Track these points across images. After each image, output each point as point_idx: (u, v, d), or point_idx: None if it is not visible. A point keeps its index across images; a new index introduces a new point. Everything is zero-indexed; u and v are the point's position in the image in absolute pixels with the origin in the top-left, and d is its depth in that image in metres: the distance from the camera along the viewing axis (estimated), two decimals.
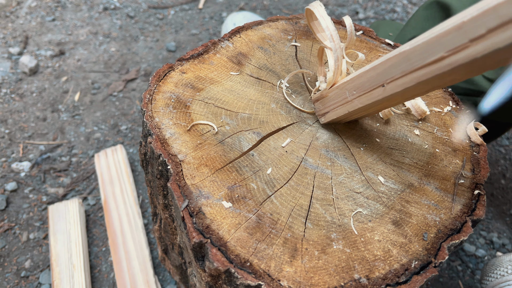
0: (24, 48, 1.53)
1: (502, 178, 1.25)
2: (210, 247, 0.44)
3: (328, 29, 0.53)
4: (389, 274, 0.45)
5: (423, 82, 0.40)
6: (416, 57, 0.40)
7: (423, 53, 0.38)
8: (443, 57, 0.36)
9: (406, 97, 0.47)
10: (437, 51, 0.37)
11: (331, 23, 0.54)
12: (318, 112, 0.61)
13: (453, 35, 0.34)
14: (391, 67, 0.44)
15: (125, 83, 1.44)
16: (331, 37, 0.52)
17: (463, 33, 0.33)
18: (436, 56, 0.37)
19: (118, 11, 1.74)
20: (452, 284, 0.99)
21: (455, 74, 0.37)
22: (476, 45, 0.33)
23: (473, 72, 0.37)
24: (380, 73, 0.46)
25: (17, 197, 1.08)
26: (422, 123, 0.63)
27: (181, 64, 0.66)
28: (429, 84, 0.41)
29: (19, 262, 0.96)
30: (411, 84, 0.41)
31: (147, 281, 0.90)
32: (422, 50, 0.39)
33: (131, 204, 1.03)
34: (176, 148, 0.53)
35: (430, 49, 0.37)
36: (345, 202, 0.51)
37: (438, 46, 0.36)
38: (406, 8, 1.91)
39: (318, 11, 0.54)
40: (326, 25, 0.53)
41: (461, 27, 0.33)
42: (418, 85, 0.41)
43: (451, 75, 0.38)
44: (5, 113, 1.30)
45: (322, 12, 0.54)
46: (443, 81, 0.39)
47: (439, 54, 0.36)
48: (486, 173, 0.57)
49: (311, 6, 0.55)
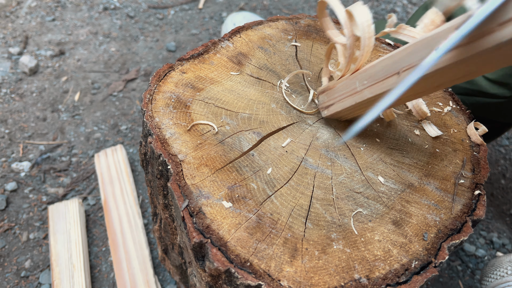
0: (24, 48, 1.53)
1: (502, 178, 1.25)
2: (210, 247, 0.44)
3: (342, 18, 0.52)
4: (389, 274, 0.45)
5: (441, 69, 0.40)
6: (438, 42, 0.39)
7: (445, 38, 0.38)
8: (468, 41, 0.36)
9: (417, 91, 0.46)
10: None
11: (344, 13, 0.53)
12: (322, 104, 0.60)
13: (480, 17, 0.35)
14: (410, 54, 0.43)
15: (125, 83, 1.44)
16: (345, 25, 0.51)
17: (492, 17, 0.34)
18: (462, 41, 0.37)
19: (118, 11, 1.74)
20: (452, 284, 0.99)
21: (474, 64, 0.37)
22: (503, 29, 0.33)
23: (491, 64, 0.37)
24: (396, 60, 0.45)
25: (17, 197, 1.08)
26: (422, 123, 0.63)
27: (181, 64, 0.66)
28: (446, 73, 0.40)
29: (19, 262, 0.96)
30: (429, 71, 0.41)
31: (147, 281, 0.90)
32: (443, 35, 0.39)
33: (131, 204, 1.03)
34: (176, 148, 0.53)
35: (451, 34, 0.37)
36: (345, 202, 0.51)
37: None
38: (406, 8, 1.91)
39: (332, 1, 0.53)
40: (341, 14, 0.52)
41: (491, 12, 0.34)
42: (435, 73, 0.41)
43: (469, 65, 0.38)
44: (5, 113, 1.30)
45: (336, 2, 0.53)
46: (460, 71, 0.39)
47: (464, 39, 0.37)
48: (486, 173, 0.57)
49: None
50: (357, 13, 0.49)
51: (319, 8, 0.58)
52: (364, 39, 0.49)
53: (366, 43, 0.50)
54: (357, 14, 0.49)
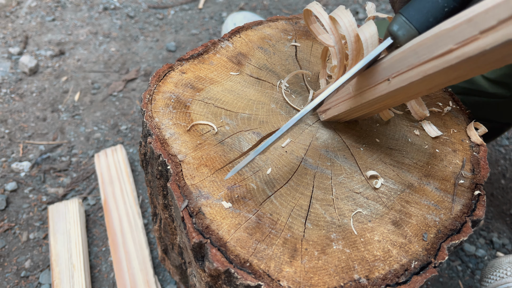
0: (24, 48, 1.53)
1: (502, 178, 1.25)
2: (210, 247, 0.44)
3: (327, 24, 0.52)
4: (389, 275, 0.45)
5: (429, 76, 0.40)
6: (424, 50, 0.40)
7: (431, 46, 0.39)
8: (452, 49, 0.36)
9: (409, 95, 0.47)
10: (446, 44, 0.37)
11: (328, 19, 0.54)
12: (319, 109, 0.60)
13: (463, 27, 0.35)
14: (398, 61, 0.44)
15: (125, 83, 1.44)
16: (330, 31, 0.52)
17: (474, 25, 0.34)
18: (445, 49, 0.37)
19: (118, 11, 1.74)
20: (452, 284, 0.99)
21: (461, 70, 0.37)
22: (486, 37, 0.33)
23: (479, 68, 0.37)
24: (385, 67, 0.46)
25: (17, 197, 1.08)
26: (422, 123, 0.63)
27: (181, 64, 0.65)
28: (434, 79, 0.41)
29: (19, 262, 0.96)
30: (417, 78, 0.41)
31: (147, 281, 0.90)
32: (430, 43, 0.39)
33: (131, 204, 1.03)
34: (176, 148, 0.53)
35: (438, 42, 0.38)
36: (345, 202, 0.51)
37: (447, 38, 0.37)
38: None
39: (316, 9, 0.54)
40: (325, 21, 0.53)
41: (472, 19, 0.34)
42: (423, 80, 0.41)
43: (457, 70, 0.38)
44: (5, 113, 1.30)
45: (319, 9, 0.54)
46: (448, 77, 0.39)
47: (448, 47, 0.37)
48: (486, 173, 0.57)
49: (308, 6, 0.55)
50: (340, 17, 0.50)
51: (305, 16, 0.58)
52: (350, 43, 0.49)
53: (353, 46, 0.50)
54: (339, 18, 0.50)
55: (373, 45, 0.48)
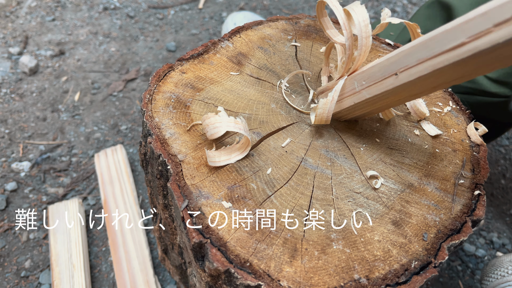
0: (24, 48, 1.53)
1: (502, 178, 1.25)
2: (210, 247, 0.44)
3: (341, 18, 0.52)
4: (389, 275, 0.45)
5: (438, 71, 0.40)
6: (435, 44, 0.39)
7: (443, 40, 0.39)
8: (464, 43, 0.36)
9: (414, 92, 0.47)
10: (458, 37, 0.37)
11: (343, 12, 0.54)
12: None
13: (477, 20, 0.35)
14: (407, 55, 0.44)
15: (125, 83, 1.44)
16: (343, 25, 0.52)
17: (488, 18, 0.34)
18: (457, 42, 0.37)
19: (118, 11, 1.74)
20: (452, 284, 0.99)
21: (470, 66, 0.37)
22: (500, 30, 0.33)
23: (486, 66, 0.37)
24: (394, 62, 0.46)
25: (17, 197, 1.08)
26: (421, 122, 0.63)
27: (181, 64, 0.65)
28: (442, 75, 0.40)
29: (19, 262, 0.96)
30: (425, 72, 0.41)
31: (147, 281, 0.90)
32: (442, 37, 0.39)
33: (131, 204, 1.03)
34: (176, 148, 0.53)
35: (450, 35, 0.38)
36: (345, 202, 0.51)
37: (460, 32, 0.37)
38: (406, 8, 1.91)
39: (331, 1, 0.54)
40: (339, 14, 0.52)
41: (486, 13, 0.34)
42: (431, 75, 0.41)
43: (465, 67, 0.38)
44: (5, 113, 1.30)
45: (335, 2, 0.54)
46: (456, 73, 0.39)
47: (460, 40, 0.37)
48: (486, 173, 0.57)
49: None
50: (355, 12, 0.50)
51: (318, 7, 0.58)
52: (361, 39, 0.49)
53: (363, 42, 0.50)
54: (354, 13, 0.50)
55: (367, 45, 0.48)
